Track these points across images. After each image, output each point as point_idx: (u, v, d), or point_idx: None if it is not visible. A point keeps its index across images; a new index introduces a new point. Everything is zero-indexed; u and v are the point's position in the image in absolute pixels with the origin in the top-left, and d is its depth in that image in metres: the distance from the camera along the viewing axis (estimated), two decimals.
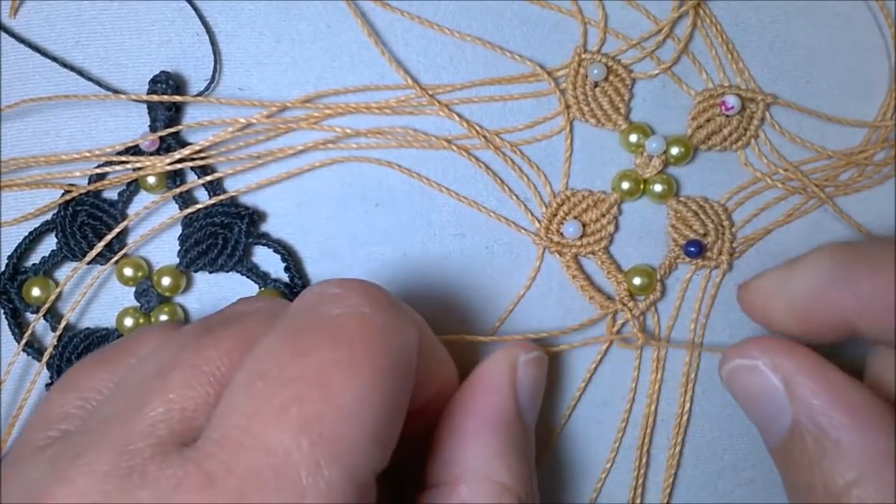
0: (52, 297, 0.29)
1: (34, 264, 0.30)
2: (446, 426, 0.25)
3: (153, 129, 0.30)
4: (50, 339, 0.30)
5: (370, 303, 0.21)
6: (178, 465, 0.19)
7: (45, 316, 0.30)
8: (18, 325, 0.30)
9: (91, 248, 0.29)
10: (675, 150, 0.30)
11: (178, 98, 0.29)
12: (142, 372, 0.22)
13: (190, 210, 0.30)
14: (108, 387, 0.23)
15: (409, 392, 0.21)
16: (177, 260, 0.30)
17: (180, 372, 0.21)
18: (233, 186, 0.30)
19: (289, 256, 0.30)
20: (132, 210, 0.30)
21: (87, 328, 0.30)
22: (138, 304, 0.30)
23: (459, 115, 0.30)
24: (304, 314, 0.21)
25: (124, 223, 0.30)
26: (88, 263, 0.30)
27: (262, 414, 0.19)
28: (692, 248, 0.30)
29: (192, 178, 0.30)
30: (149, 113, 0.30)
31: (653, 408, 0.31)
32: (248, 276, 0.30)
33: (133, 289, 0.30)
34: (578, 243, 0.30)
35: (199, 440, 0.19)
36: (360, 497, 0.19)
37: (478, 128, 0.30)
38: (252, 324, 0.22)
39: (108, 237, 0.29)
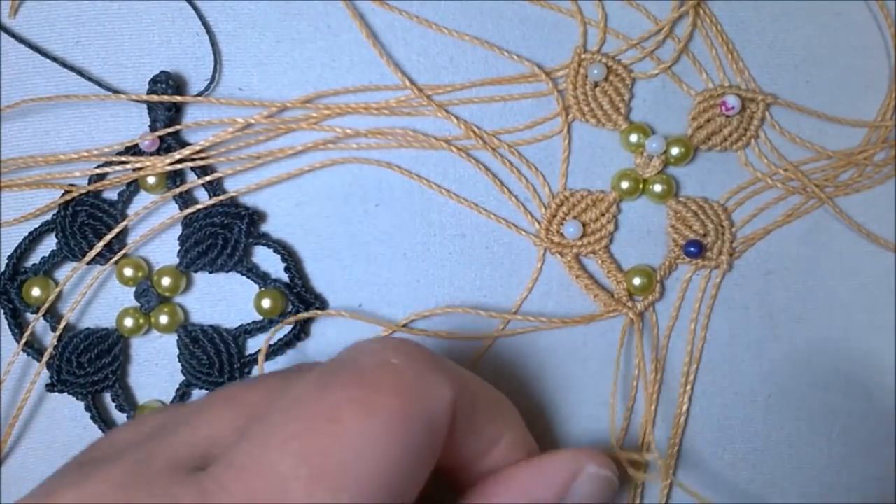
0: (52, 297, 0.29)
1: (34, 264, 0.30)
2: (489, 495, 0.24)
3: (153, 129, 0.30)
4: (50, 339, 0.30)
5: (404, 356, 0.21)
6: (183, 483, 0.20)
7: (44, 316, 0.30)
8: (18, 325, 0.30)
9: (91, 248, 0.29)
10: (675, 151, 0.30)
11: (178, 98, 0.29)
12: (188, 409, 0.23)
13: (190, 210, 0.30)
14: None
15: (435, 452, 0.21)
16: (177, 260, 0.30)
17: (214, 404, 0.22)
18: (233, 186, 0.30)
19: (289, 256, 0.30)
20: (132, 210, 0.30)
21: (87, 328, 0.30)
22: (138, 304, 0.30)
23: (457, 116, 0.30)
24: (337, 363, 0.22)
25: (124, 223, 0.30)
26: (88, 263, 0.30)
27: (271, 442, 0.19)
28: (692, 249, 0.30)
29: (192, 178, 0.30)
30: (149, 113, 0.30)
31: (653, 408, 0.31)
32: (248, 276, 0.30)
33: (133, 289, 0.30)
34: (579, 243, 0.30)
35: (212, 464, 0.20)
36: None
37: (475, 128, 0.30)
38: (292, 375, 0.23)
39: (108, 237, 0.29)
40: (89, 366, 0.29)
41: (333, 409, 0.20)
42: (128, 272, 0.30)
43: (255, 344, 0.30)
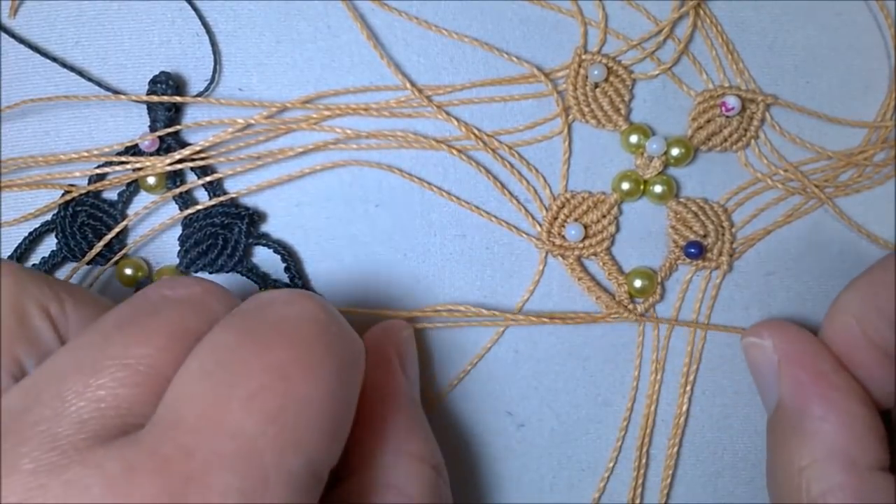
0: None
1: (34, 264, 0.30)
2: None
3: (153, 129, 0.30)
4: None
5: (323, 311, 0.21)
6: (126, 447, 0.18)
7: None
8: None
9: (91, 248, 0.29)
10: (675, 151, 0.30)
11: (178, 98, 0.29)
12: (60, 367, 0.20)
13: (190, 210, 0.30)
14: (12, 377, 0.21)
15: (358, 393, 0.22)
16: (177, 260, 0.30)
17: (110, 371, 0.19)
18: (233, 187, 0.30)
19: (289, 257, 0.30)
20: (132, 210, 0.30)
21: None
22: None
23: (457, 117, 0.30)
24: (257, 314, 0.21)
25: (124, 223, 0.30)
26: (88, 263, 0.30)
27: (225, 401, 0.19)
28: (692, 250, 0.30)
29: (192, 179, 0.30)
30: (149, 113, 0.30)
31: (652, 408, 0.31)
32: (248, 277, 0.30)
33: (133, 289, 0.30)
34: (581, 245, 0.30)
35: (148, 426, 0.18)
36: (316, 490, 0.20)
37: (475, 130, 0.30)
38: (183, 316, 0.21)
39: (108, 237, 0.29)
40: None
41: (282, 368, 0.19)
42: (128, 272, 0.30)
43: None
